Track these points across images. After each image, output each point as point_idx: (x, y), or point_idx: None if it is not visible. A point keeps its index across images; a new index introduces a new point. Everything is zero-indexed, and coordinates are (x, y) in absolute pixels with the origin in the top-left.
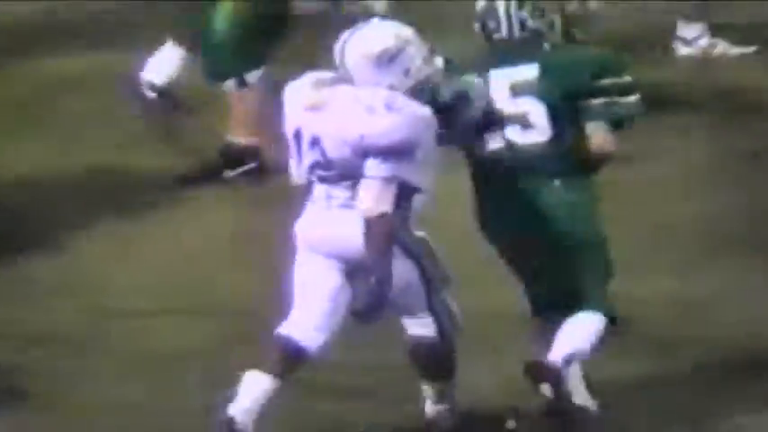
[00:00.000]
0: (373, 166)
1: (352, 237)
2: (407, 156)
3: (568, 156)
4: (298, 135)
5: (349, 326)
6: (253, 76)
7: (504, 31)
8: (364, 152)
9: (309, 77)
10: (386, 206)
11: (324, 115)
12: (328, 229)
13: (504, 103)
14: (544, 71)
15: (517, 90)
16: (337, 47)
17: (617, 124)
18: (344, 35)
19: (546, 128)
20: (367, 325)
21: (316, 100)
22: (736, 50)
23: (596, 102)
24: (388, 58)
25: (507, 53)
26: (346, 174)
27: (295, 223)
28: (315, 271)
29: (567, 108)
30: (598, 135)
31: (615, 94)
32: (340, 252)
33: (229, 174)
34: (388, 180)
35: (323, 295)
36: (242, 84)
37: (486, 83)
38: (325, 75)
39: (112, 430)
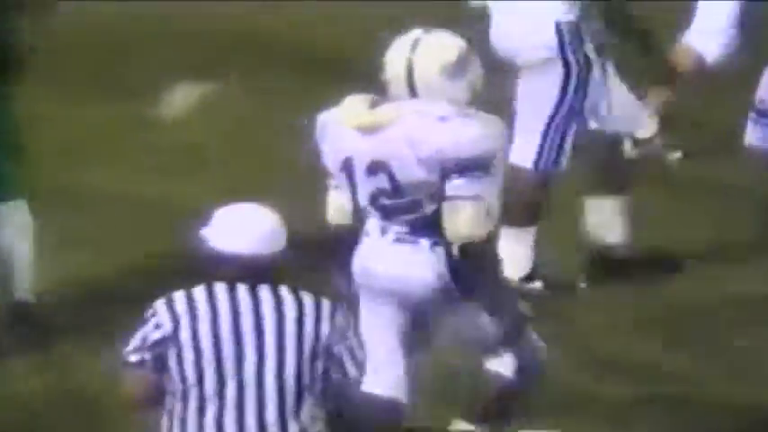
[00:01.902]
0: (458, 186)
1: (410, 274)
2: (486, 168)
3: None
4: (347, 165)
5: None
6: None
7: None
8: (442, 169)
9: (353, 101)
10: (482, 228)
11: (387, 135)
12: (384, 266)
13: None
14: None
15: None
16: (397, 57)
17: None
18: (400, 46)
19: None
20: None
21: (374, 120)
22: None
23: None
24: (461, 69)
25: None
26: (417, 199)
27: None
28: (380, 317)
29: None
30: None
31: None
32: (399, 291)
33: None
34: (476, 199)
35: (392, 343)
36: None
37: None
38: (369, 96)
39: None
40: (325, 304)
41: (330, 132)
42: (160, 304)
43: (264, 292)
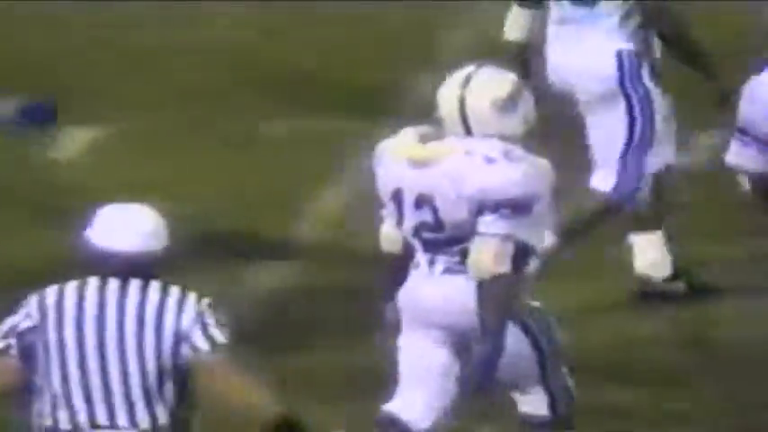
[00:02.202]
0: (489, 223)
1: (461, 305)
2: (526, 210)
3: None
4: (397, 195)
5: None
6: None
7: None
8: (481, 207)
9: (408, 132)
10: (504, 266)
11: (434, 171)
12: (434, 298)
13: None
14: None
15: None
16: (448, 94)
17: None
18: (452, 83)
19: None
20: (478, 397)
21: (424, 155)
22: None
23: None
24: (513, 104)
25: None
26: (457, 236)
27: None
28: (422, 346)
29: None
30: None
31: None
32: (449, 322)
33: None
34: (505, 238)
35: (431, 373)
36: None
37: None
38: (425, 129)
39: None
40: (191, 296)
41: (384, 162)
42: (32, 297)
43: (133, 286)
